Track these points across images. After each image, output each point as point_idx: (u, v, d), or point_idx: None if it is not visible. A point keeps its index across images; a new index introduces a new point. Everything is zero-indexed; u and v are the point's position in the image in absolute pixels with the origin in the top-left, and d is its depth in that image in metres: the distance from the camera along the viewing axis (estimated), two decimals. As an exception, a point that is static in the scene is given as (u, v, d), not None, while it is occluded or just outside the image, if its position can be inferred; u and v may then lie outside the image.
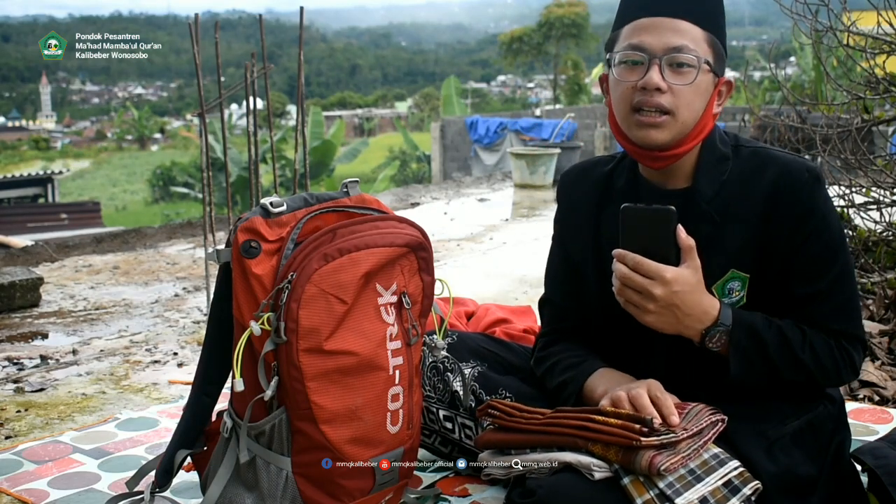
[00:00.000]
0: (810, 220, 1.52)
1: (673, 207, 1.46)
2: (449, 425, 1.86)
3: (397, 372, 1.55)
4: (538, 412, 1.55)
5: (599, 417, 1.45)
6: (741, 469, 1.43)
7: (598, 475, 1.40)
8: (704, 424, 1.45)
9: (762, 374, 1.52)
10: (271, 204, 1.54)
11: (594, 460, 1.42)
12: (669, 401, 1.46)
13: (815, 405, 1.58)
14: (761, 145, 1.60)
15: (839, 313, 1.55)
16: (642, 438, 1.37)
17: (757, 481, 1.43)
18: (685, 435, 1.42)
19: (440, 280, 1.67)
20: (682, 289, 1.46)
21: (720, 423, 1.48)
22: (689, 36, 1.51)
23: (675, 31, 1.51)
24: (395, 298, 1.56)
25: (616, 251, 1.50)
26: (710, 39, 1.53)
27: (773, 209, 1.53)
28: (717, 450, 1.45)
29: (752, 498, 1.41)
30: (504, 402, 1.62)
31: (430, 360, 1.88)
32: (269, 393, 1.47)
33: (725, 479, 1.41)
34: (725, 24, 1.59)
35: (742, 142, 1.62)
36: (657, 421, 1.40)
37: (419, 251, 1.60)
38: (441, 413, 1.87)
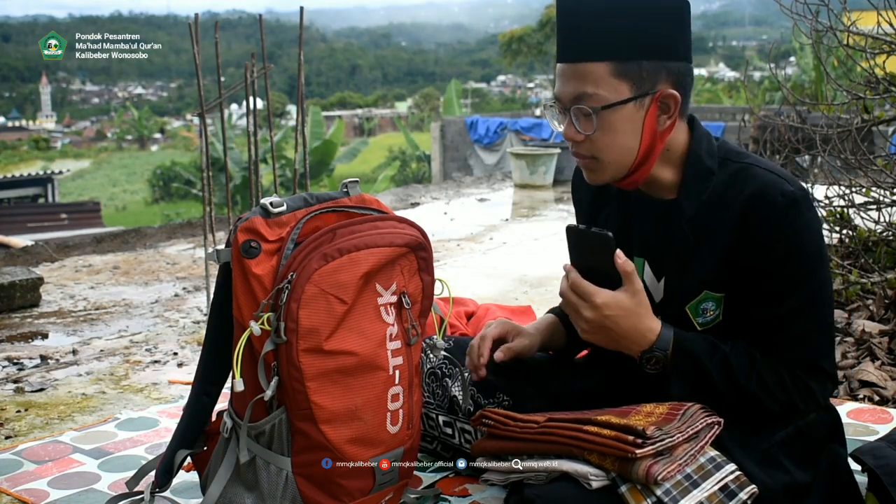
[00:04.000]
0: (778, 245, 1.47)
1: (610, 234, 1.45)
2: (449, 431, 1.86)
3: (397, 372, 1.55)
4: (532, 420, 1.55)
5: (593, 428, 1.45)
6: (737, 473, 1.43)
7: (595, 484, 1.41)
8: (700, 427, 1.45)
9: (705, 399, 1.51)
10: (271, 204, 1.54)
11: (591, 469, 1.42)
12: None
13: (806, 412, 1.56)
14: (749, 161, 1.53)
15: (799, 342, 1.50)
16: (637, 451, 1.37)
17: (753, 485, 1.42)
18: (681, 438, 1.41)
19: (440, 280, 1.67)
20: (615, 313, 1.47)
21: (716, 426, 1.47)
22: (591, 79, 1.46)
23: (577, 77, 1.48)
24: (394, 298, 1.56)
25: (564, 264, 1.53)
26: (619, 69, 1.45)
27: (743, 231, 1.49)
28: (713, 453, 1.45)
29: (749, 503, 1.41)
30: (497, 412, 1.62)
31: (429, 365, 1.88)
32: (269, 393, 1.47)
33: (722, 483, 1.41)
34: (654, 33, 1.46)
35: (731, 156, 1.55)
36: (650, 429, 1.40)
37: (419, 251, 1.60)
38: (441, 419, 1.87)
